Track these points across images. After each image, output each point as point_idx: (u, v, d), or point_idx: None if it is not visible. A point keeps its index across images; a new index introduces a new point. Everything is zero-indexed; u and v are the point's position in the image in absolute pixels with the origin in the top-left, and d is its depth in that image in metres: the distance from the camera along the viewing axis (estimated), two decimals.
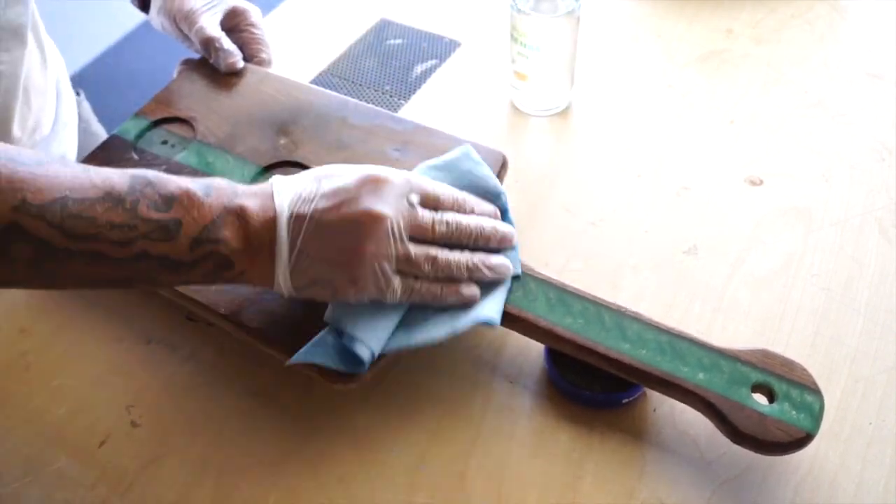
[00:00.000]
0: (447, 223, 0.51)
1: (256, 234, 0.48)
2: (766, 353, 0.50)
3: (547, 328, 0.51)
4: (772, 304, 0.59)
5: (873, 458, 0.50)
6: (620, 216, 0.65)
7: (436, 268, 0.50)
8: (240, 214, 0.48)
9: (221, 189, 0.48)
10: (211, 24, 0.70)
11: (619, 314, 0.52)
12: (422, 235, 0.50)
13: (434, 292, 0.50)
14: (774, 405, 0.48)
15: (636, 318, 0.52)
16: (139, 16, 0.76)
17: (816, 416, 0.47)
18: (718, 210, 0.66)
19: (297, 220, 0.48)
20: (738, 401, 0.48)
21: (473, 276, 0.51)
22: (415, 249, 0.49)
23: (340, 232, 0.48)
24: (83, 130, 0.85)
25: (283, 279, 0.48)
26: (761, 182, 0.67)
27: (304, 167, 0.63)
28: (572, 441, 0.52)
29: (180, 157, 0.65)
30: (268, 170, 0.63)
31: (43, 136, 0.74)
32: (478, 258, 0.52)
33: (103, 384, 0.57)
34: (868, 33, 0.81)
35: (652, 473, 0.50)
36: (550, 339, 0.52)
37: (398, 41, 0.84)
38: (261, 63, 0.72)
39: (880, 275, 0.60)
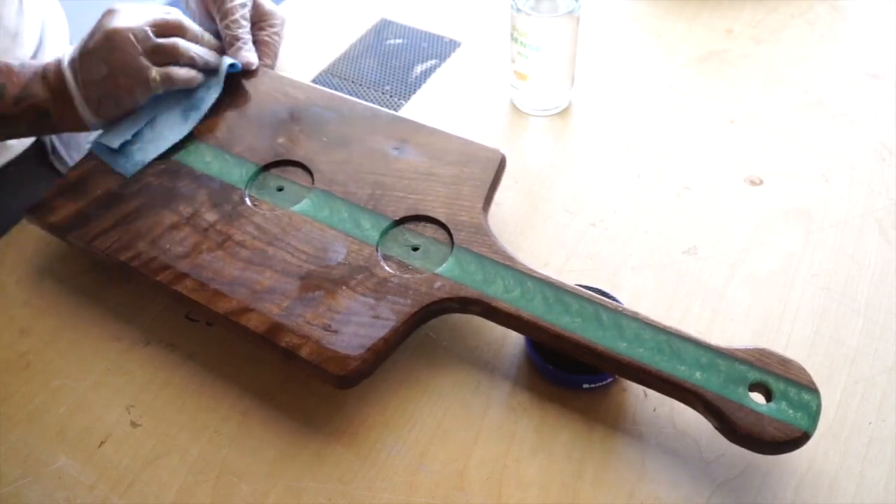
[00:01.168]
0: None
1: (56, 84, 0.64)
2: (763, 352, 0.50)
3: (545, 327, 0.51)
4: (772, 305, 0.59)
5: (873, 458, 0.50)
6: (620, 216, 0.65)
7: (180, 52, 0.66)
8: (44, 75, 0.64)
9: (31, 63, 0.65)
10: (244, 21, 0.72)
11: (617, 313, 0.52)
12: (165, 32, 0.66)
13: (184, 75, 0.67)
14: (772, 404, 0.47)
15: (634, 318, 0.52)
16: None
17: (814, 416, 0.47)
18: (718, 210, 0.66)
19: (72, 62, 0.64)
20: (735, 400, 0.48)
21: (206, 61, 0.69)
22: (160, 40, 0.65)
23: (99, 53, 0.63)
24: None
25: (82, 110, 0.64)
26: (761, 182, 0.67)
27: (303, 166, 0.63)
28: (572, 441, 0.52)
29: (178, 156, 0.65)
30: (266, 168, 0.64)
31: None
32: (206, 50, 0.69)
33: (103, 384, 0.57)
34: (868, 33, 0.81)
35: (652, 473, 0.50)
36: (548, 338, 0.52)
37: (398, 41, 0.84)
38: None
39: (880, 275, 0.60)
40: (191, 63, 0.67)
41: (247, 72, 0.71)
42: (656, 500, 0.49)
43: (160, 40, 0.65)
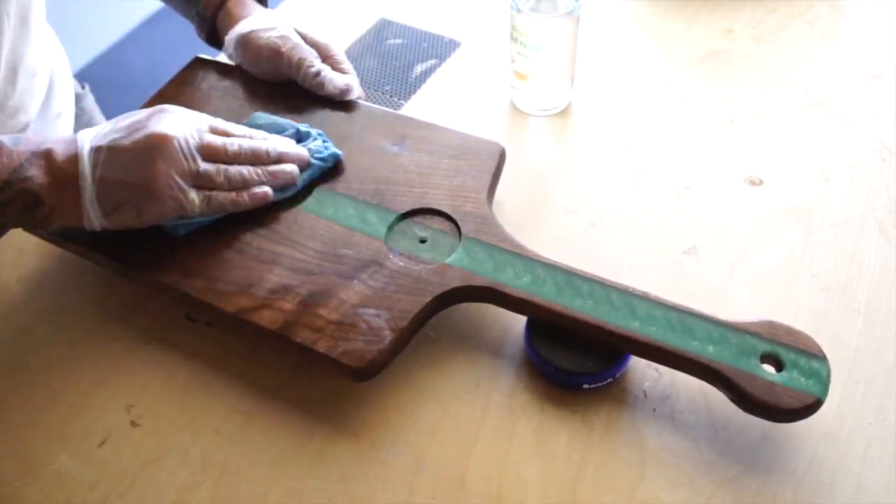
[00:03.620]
0: (238, 145, 0.59)
1: (61, 170, 0.54)
2: (771, 325, 0.51)
3: (558, 311, 0.52)
4: (772, 304, 0.59)
5: (873, 458, 0.50)
6: (620, 216, 0.65)
7: (228, 178, 0.58)
8: (46, 155, 0.54)
9: (30, 139, 0.55)
10: (316, 60, 0.68)
11: (628, 294, 0.53)
12: (214, 156, 0.58)
13: (230, 198, 0.58)
14: (784, 373, 0.49)
15: (645, 297, 0.53)
16: (142, 14, 0.76)
17: (824, 382, 0.48)
18: (718, 210, 0.66)
19: (95, 151, 0.55)
20: (748, 371, 0.49)
21: (263, 181, 0.59)
22: (205, 165, 0.57)
23: (134, 155, 0.54)
24: (86, 124, 0.86)
25: (90, 207, 0.55)
26: (761, 182, 0.67)
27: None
28: (572, 441, 0.52)
29: None
30: None
31: (28, 119, 0.73)
32: (262, 168, 0.59)
33: (103, 384, 0.57)
34: (868, 33, 0.81)
35: (652, 473, 0.50)
36: (562, 321, 0.53)
37: (398, 41, 0.84)
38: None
39: (880, 275, 0.60)
40: (241, 185, 0.59)
41: (244, 74, 0.71)
42: (656, 500, 0.49)
43: (206, 165, 0.57)
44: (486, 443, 0.52)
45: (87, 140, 0.55)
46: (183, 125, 0.56)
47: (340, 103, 0.68)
